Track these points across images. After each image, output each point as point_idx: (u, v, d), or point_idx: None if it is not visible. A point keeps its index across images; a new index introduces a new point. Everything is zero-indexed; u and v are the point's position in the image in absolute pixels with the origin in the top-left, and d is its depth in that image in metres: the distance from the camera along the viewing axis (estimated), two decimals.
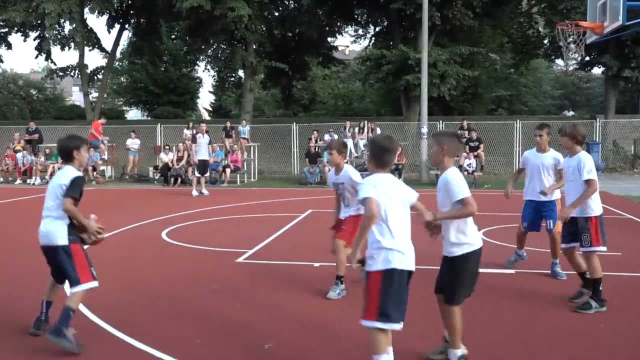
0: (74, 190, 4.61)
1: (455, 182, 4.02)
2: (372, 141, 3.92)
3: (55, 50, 37.69)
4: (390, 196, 3.65)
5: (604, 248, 5.56)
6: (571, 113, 36.69)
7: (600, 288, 5.47)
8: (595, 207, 5.65)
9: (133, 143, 22.30)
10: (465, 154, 19.18)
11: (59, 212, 4.60)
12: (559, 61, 43.30)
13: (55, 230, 4.59)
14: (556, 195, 6.57)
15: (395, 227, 3.64)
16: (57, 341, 4.38)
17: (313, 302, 5.76)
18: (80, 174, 4.76)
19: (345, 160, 6.26)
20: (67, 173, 4.66)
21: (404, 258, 3.61)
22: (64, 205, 4.55)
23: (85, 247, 4.76)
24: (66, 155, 4.74)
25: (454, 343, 4.09)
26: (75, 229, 4.69)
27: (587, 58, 26.87)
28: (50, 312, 4.89)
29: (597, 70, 35.69)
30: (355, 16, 32.98)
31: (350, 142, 20.95)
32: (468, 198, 4.00)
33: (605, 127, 24.50)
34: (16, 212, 13.02)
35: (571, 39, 14.01)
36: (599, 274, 5.48)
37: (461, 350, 4.09)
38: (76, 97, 63.51)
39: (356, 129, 21.71)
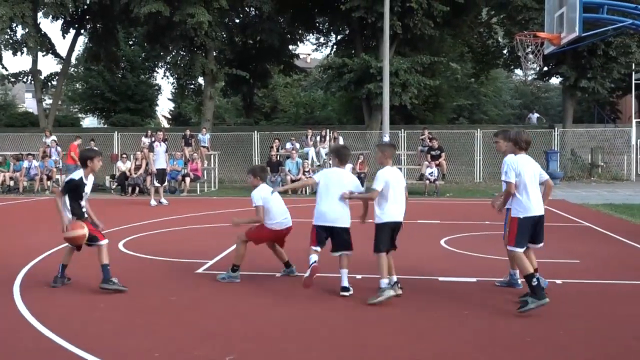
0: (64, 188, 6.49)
1: (376, 176, 6.14)
2: (335, 148, 6.94)
3: (7, 55, 36.86)
4: (331, 180, 6.34)
5: (514, 248, 5.75)
6: (536, 115, 36.86)
7: (534, 283, 5.56)
8: (518, 209, 5.83)
9: None
10: (427, 162, 19.41)
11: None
12: (518, 71, 44.38)
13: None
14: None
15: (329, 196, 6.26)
16: (107, 287, 6.32)
17: (275, 312, 5.73)
18: (76, 178, 6.42)
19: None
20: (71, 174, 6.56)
21: (323, 218, 6.29)
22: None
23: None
24: (82, 162, 6.62)
25: (381, 275, 6.01)
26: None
27: (545, 68, 27.59)
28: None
29: (555, 80, 36.68)
30: (317, 24, 33.19)
31: (312, 151, 21.00)
32: (376, 189, 6.04)
33: (563, 136, 25.15)
34: None
35: (529, 49, 14.36)
36: (525, 270, 5.64)
37: (387, 279, 6.02)
38: (29, 103, 62.00)
39: (318, 138, 21.76)
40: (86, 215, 6.58)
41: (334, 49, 34.23)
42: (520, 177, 5.76)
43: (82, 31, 32.43)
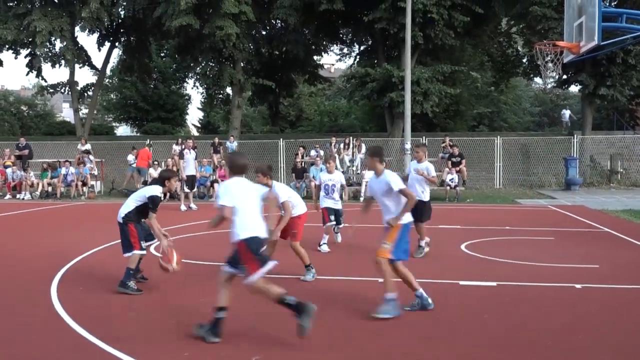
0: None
1: (431, 167, 8.58)
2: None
3: (46, 67, 37.59)
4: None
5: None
6: (569, 112, 35.22)
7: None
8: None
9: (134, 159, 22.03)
10: (447, 169, 19.28)
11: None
12: (538, 79, 43.82)
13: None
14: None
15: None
16: (123, 290, 6.44)
17: None
18: (158, 194, 6.81)
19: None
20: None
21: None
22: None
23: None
24: (161, 181, 6.93)
25: None
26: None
27: (565, 76, 27.21)
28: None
29: (574, 88, 36.01)
30: (341, 35, 33.24)
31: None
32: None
33: (582, 143, 24.75)
34: (6, 227, 12.86)
35: (549, 58, 14.16)
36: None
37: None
38: (66, 113, 63.16)
39: (342, 145, 21.75)
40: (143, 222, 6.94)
41: (357, 59, 34.26)
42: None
43: (117, 44, 33.00)
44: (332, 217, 9.47)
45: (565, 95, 53.88)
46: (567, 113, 34.71)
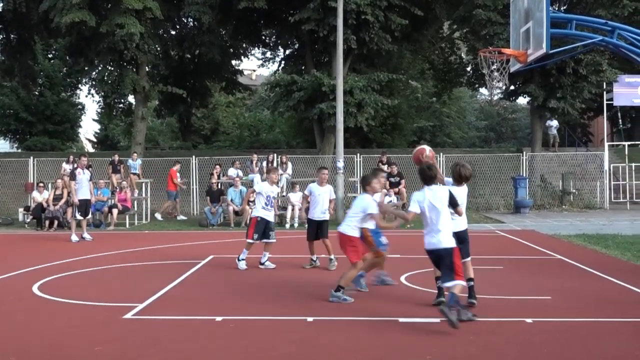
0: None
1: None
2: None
3: None
4: None
5: None
6: (555, 123, 33.74)
7: None
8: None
9: None
10: (385, 190, 19.57)
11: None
12: (483, 90, 45.50)
13: None
14: None
15: None
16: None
17: None
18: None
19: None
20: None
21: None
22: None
23: None
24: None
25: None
26: None
27: (512, 87, 28.34)
28: None
29: (522, 100, 37.61)
30: (263, 37, 33.41)
31: (257, 178, 20.92)
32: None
33: (532, 160, 25.75)
34: None
35: (495, 67, 14.73)
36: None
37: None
38: None
39: (264, 163, 21.70)
40: None
41: (282, 65, 34.49)
42: None
43: None
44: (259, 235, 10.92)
45: (513, 108, 56.16)
46: (553, 124, 32.66)
